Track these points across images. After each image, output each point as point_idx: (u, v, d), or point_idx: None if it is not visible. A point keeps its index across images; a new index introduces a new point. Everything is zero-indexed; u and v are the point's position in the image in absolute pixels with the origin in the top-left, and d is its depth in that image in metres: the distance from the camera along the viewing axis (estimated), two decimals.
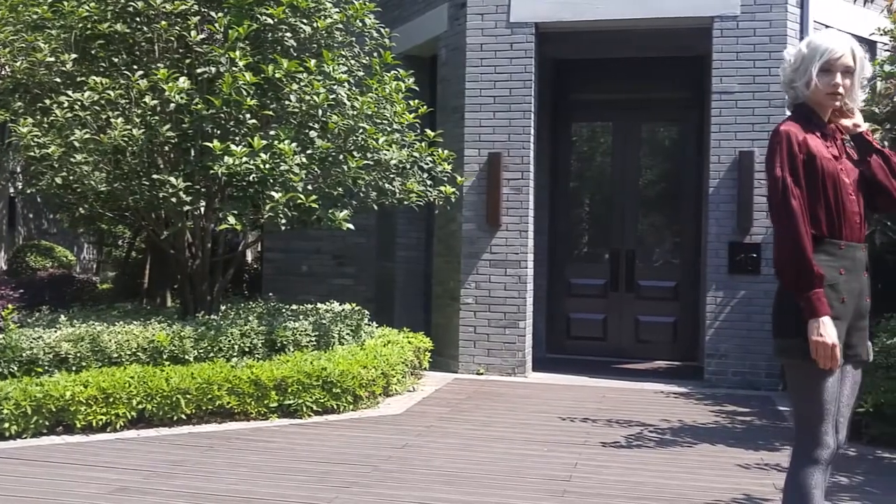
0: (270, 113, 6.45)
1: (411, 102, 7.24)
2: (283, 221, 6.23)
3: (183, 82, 6.06)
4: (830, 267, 2.86)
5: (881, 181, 3.00)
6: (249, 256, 13.09)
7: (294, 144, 6.09)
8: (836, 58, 2.88)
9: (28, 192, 7.17)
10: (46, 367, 5.80)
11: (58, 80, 6.43)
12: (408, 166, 7.07)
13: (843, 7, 7.99)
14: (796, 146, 2.89)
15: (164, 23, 6.32)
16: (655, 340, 9.18)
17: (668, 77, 9.16)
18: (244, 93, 6.06)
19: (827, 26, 7.82)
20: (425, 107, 7.45)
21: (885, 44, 7.59)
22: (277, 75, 6.20)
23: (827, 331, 2.75)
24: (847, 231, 2.91)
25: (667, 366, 8.92)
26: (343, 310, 7.62)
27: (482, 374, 8.04)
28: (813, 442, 2.90)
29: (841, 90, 2.90)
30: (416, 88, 7.33)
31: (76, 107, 6.13)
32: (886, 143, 6.09)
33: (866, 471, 5.04)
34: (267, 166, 5.92)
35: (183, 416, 5.80)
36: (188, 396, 5.79)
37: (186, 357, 6.16)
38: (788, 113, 3.10)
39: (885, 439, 5.59)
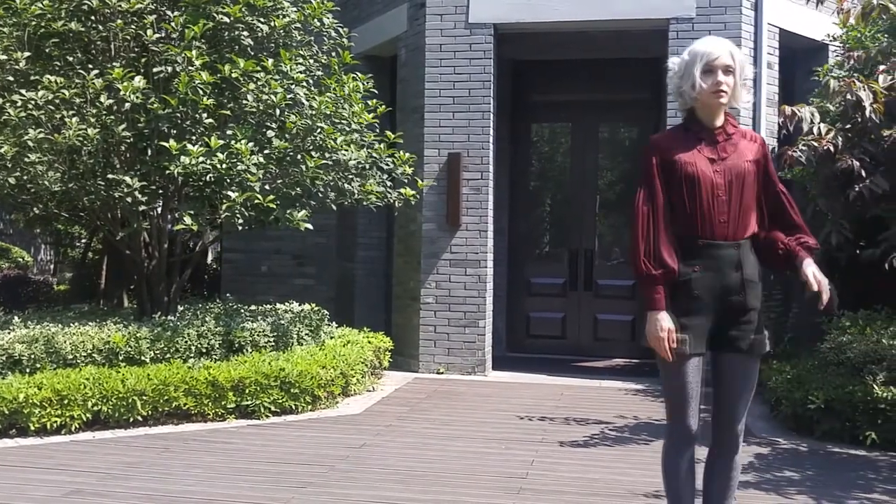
0: (227, 112, 6.42)
1: (370, 102, 7.24)
2: (241, 221, 6.21)
3: (139, 81, 6.01)
4: (687, 264, 3.09)
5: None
6: (209, 257, 13.00)
7: (251, 144, 6.08)
8: (714, 58, 3.07)
9: None
10: (0, 370, 5.73)
11: (10, 78, 6.34)
12: (367, 167, 7.07)
13: (797, 10, 8.12)
14: (657, 154, 3.15)
15: (119, 21, 6.27)
16: (614, 338, 9.28)
17: (627, 78, 9.25)
18: (201, 92, 6.03)
19: (781, 29, 7.97)
20: (384, 106, 7.45)
21: (836, 49, 7.74)
22: (234, 75, 6.18)
23: (657, 325, 3.04)
24: (709, 230, 3.09)
25: (625, 363, 9.01)
26: (302, 310, 7.60)
27: (442, 373, 8.07)
28: (673, 426, 3.18)
29: (724, 88, 3.07)
30: (376, 91, 7.34)
31: (30, 106, 6.05)
32: (840, 140, 6.21)
33: (816, 465, 5.14)
34: (224, 166, 5.90)
35: (139, 418, 5.76)
36: (144, 398, 5.75)
37: (143, 358, 6.11)
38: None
39: (835, 434, 5.70)
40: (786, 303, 8.02)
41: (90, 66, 6.42)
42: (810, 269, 3.05)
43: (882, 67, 6.04)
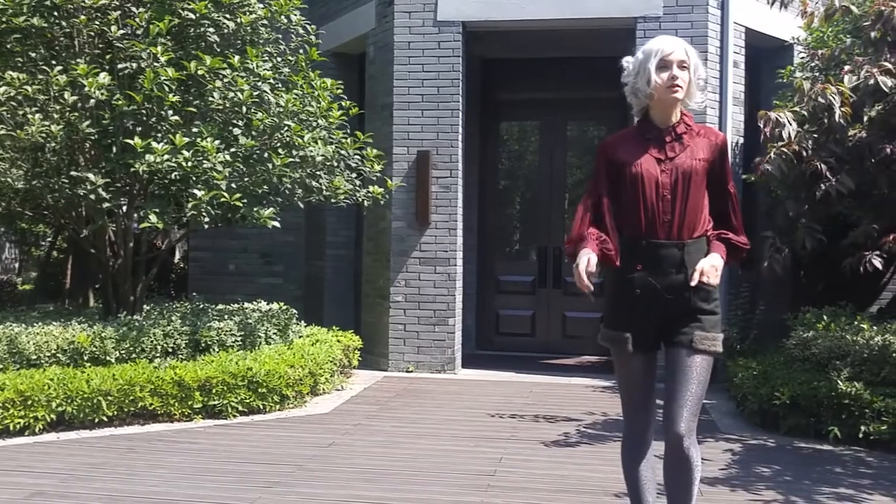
0: (193, 110, 6.35)
1: (343, 103, 7.20)
2: (207, 220, 6.15)
3: (103, 78, 5.94)
4: (628, 262, 3.15)
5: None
6: (176, 255, 12.88)
7: (217, 142, 6.02)
8: (668, 53, 3.09)
9: None
10: None
11: None
12: (335, 163, 7.04)
13: (762, 9, 8.19)
14: (605, 153, 3.25)
15: (83, 17, 6.18)
16: (582, 336, 9.30)
17: (595, 77, 9.23)
18: (166, 89, 5.96)
19: (747, 28, 8.04)
20: (356, 107, 7.42)
21: (801, 50, 7.81)
22: (200, 71, 6.12)
23: (577, 260, 3.04)
24: (652, 230, 3.12)
25: (593, 360, 9.04)
26: (270, 309, 7.55)
27: (412, 371, 8.05)
28: (624, 422, 3.29)
29: (679, 83, 3.09)
30: (342, 91, 7.30)
31: None
32: (809, 143, 6.25)
33: (783, 461, 5.19)
34: (189, 164, 5.84)
35: (104, 419, 5.69)
36: (110, 398, 5.69)
37: (108, 358, 6.04)
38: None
39: (801, 429, 5.76)
40: (752, 300, 8.09)
41: (53, 62, 6.33)
42: (702, 263, 3.06)
43: (847, 68, 6.10)
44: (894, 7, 5.99)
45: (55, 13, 6.28)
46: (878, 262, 5.96)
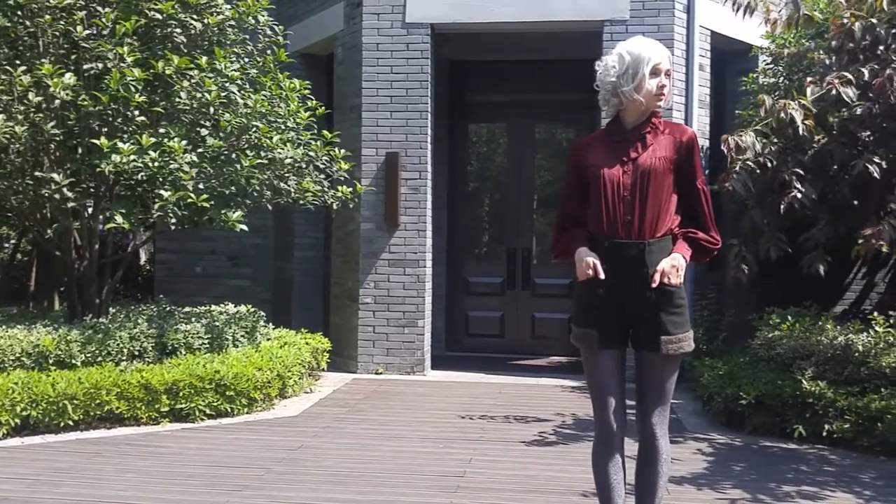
0: (160, 110, 6.30)
1: (310, 103, 7.18)
2: (174, 221, 6.09)
3: (69, 78, 5.86)
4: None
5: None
6: (143, 257, 12.76)
7: (184, 142, 5.98)
8: (658, 63, 3.17)
9: None
10: None
11: None
12: (303, 165, 7.01)
13: (727, 13, 8.25)
14: (573, 156, 3.35)
15: (48, 17, 6.10)
16: (551, 336, 9.34)
17: (563, 80, 9.33)
18: (132, 89, 5.90)
19: (712, 31, 8.12)
20: (323, 108, 7.40)
21: (766, 59, 7.91)
22: (167, 72, 6.07)
23: (581, 262, 3.19)
24: (614, 230, 3.19)
25: (562, 361, 9.08)
26: (238, 311, 7.50)
27: (381, 373, 8.04)
28: (595, 422, 3.29)
29: (666, 91, 3.19)
30: (310, 92, 7.27)
31: None
32: (774, 159, 6.32)
33: (749, 460, 5.25)
34: (156, 164, 5.78)
35: (70, 423, 5.63)
36: (75, 402, 5.63)
37: (73, 362, 5.97)
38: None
39: (766, 428, 5.83)
40: (719, 301, 8.18)
41: (17, 62, 6.24)
42: (662, 263, 3.13)
43: (809, 79, 6.19)
44: (856, 19, 6.11)
45: (19, 12, 6.19)
46: (821, 269, 6.16)
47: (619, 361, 3.26)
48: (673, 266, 3.12)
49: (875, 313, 6.03)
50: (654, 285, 3.10)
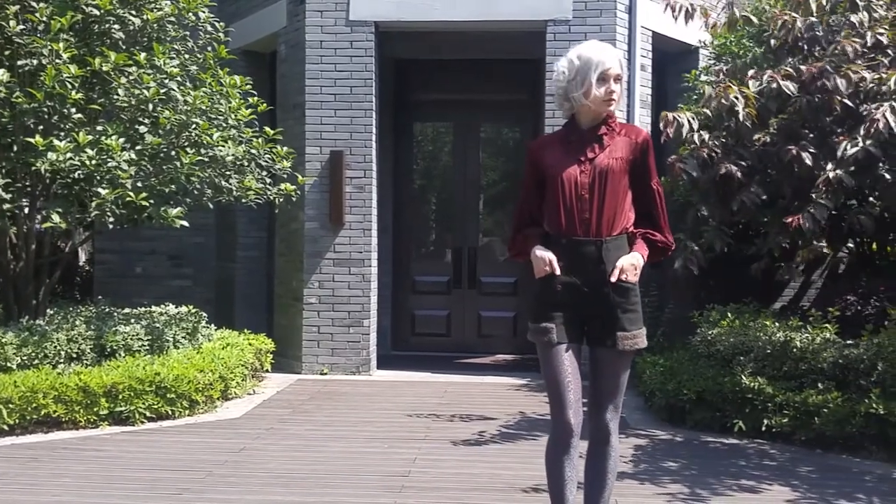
0: (98, 107, 6.18)
1: (252, 100, 7.09)
2: (112, 220, 5.98)
3: (2, 75, 5.72)
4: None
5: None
6: (81, 257, 12.49)
7: (122, 140, 5.87)
8: (608, 68, 3.19)
9: None
10: None
11: None
12: (245, 163, 6.93)
13: (669, 15, 8.36)
14: (530, 157, 3.39)
15: None
16: (496, 335, 9.38)
17: (507, 79, 9.37)
18: (69, 86, 5.78)
19: (654, 32, 8.21)
20: (265, 104, 7.31)
21: (707, 55, 8.02)
22: (105, 68, 5.95)
23: (538, 259, 3.25)
24: (571, 227, 3.24)
25: (508, 359, 9.12)
26: (179, 312, 7.37)
27: (326, 373, 7.98)
28: (552, 419, 3.25)
29: (615, 96, 3.22)
30: (254, 92, 7.19)
31: None
32: (719, 151, 6.39)
33: (690, 454, 5.32)
34: (93, 162, 5.67)
35: (5, 427, 5.51)
36: (11, 406, 5.50)
37: (9, 364, 5.82)
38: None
39: (707, 424, 5.91)
40: (660, 298, 8.28)
41: None
42: (621, 261, 3.20)
43: (751, 73, 6.28)
44: (796, 17, 6.23)
45: None
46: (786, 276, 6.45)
47: (576, 356, 3.28)
48: (632, 264, 3.21)
49: (813, 310, 6.16)
50: (612, 280, 3.16)
